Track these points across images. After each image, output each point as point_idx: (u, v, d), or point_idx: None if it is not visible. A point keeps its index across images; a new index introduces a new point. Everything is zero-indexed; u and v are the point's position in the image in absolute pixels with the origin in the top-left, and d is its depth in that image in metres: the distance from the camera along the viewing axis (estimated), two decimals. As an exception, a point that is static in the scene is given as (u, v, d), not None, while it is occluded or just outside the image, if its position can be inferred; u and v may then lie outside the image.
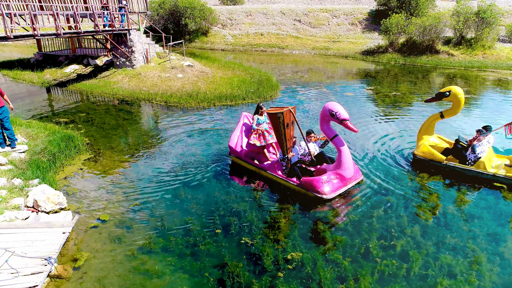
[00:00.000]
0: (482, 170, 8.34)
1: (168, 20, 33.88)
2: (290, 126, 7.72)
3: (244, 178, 8.76)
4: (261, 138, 9.01)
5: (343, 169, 7.74)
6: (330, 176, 7.72)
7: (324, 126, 7.91)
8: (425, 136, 9.42)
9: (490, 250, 6.13)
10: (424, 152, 9.11)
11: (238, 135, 9.35)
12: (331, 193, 7.61)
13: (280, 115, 7.45)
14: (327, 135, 7.94)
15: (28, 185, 7.72)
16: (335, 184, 7.72)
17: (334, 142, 7.80)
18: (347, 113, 7.61)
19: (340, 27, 31.33)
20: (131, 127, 12.32)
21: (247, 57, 27.72)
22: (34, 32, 13.27)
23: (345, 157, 7.72)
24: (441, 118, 9.26)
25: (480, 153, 8.47)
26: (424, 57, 24.26)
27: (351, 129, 7.47)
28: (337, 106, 7.61)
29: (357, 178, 8.20)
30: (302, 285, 5.45)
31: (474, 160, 8.53)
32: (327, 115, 7.71)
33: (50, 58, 21.33)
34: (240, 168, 9.21)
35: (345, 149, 7.74)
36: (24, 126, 10.63)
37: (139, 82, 17.24)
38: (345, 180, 7.82)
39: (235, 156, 9.34)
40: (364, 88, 17.61)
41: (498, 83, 18.56)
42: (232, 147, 9.21)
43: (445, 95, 8.85)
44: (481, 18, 23.82)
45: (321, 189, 7.57)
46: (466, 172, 8.58)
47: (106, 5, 16.99)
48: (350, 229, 6.79)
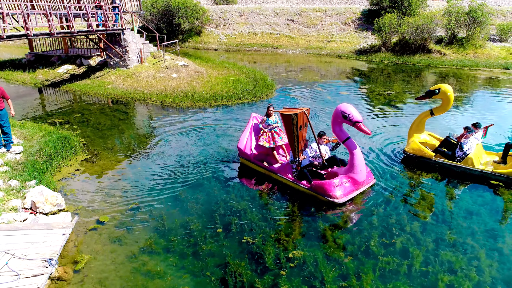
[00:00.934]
0: (470, 166, 8.51)
1: (161, 20, 33.71)
2: (303, 128, 7.45)
3: (244, 179, 8.76)
4: (270, 140, 8.80)
5: (356, 173, 7.51)
6: (342, 180, 7.50)
7: (336, 128, 7.68)
8: (416, 133, 9.59)
9: (489, 246, 6.21)
10: (413, 149, 9.27)
11: (247, 137, 9.10)
12: (343, 197, 7.37)
13: (294, 116, 7.18)
14: (339, 137, 7.72)
15: (25, 186, 7.63)
16: (347, 188, 7.49)
17: (347, 144, 7.57)
18: (360, 115, 7.37)
19: (333, 27, 31.47)
20: (127, 127, 12.24)
21: (241, 56, 27.70)
22: (27, 32, 13.11)
23: (358, 160, 7.49)
24: (431, 116, 9.43)
25: (468, 150, 8.63)
26: (416, 56, 24.49)
27: (365, 132, 7.24)
28: (349, 107, 7.37)
29: (370, 182, 7.97)
30: (304, 283, 5.47)
31: (462, 156, 8.70)
32: (339, 117, 7.47)
33: (42, 58, 21.08)
34: (246, 170, 9.06)
35: (358, 152, 7.50)
36: (19, 127, 10.50)
37: (134, 82, 17.14)
38: (358, 184, 7.60)
39: (244, 158, 9.10)
40: (358, 87, 17.72)
41: (490, 81, 18.81)
42: (241, 148, 8.95)
43: (435, 93, 9.03)
44: (472, 17, 24.12)
45: (332, 193, 7.34)
46: (455, 168, 8.74)
47: (99, 4, 16.84)
48: (350, 227, 6.83)
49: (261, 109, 13.96)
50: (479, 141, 8.79)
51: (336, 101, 15.02)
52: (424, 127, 9.73)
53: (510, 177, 8.01)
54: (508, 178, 8.04)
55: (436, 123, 11.92)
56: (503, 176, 8.10)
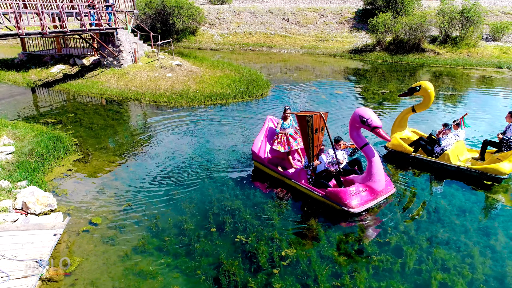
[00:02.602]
0: (446, 162, 8.67)
1: (156, 20, 33.56)
2: (319, 132, 7.21)
3: (244, 179, 8.71)
4: (285, 144, 8.51)
5: (374, 181, 7.10)
6: (359, 188, 7.09)
7: (354, 133, 7.29)
8: (398, 129, 9.82)
9: (482, 244, 6.23)
10: (394, 145, 9.46)
11: (261, 140, 8.85)
12: (358, 206, 6.97)
13: (309, 118, 7.00)
14: (357, 143, 7.31)
15: (16, 187, 7.54)
16: (364, 197, 7.08)
17: (364, 151, 7.20)
18: (379, 120, 6.98)
19: (327, 26, 31.51)
20: (120, 127, 12.16)
21: (236, 56, 27.65)
22: (19, 31, 12.97)
23: (376, 168, 7.09)
24: (413, 112, 9.64)
25: (446, 146, 8.79)
26: (411, 55, 24.58)
27: (384, 138, 6.87)
28: (368, 111, 6.97)
29: (389, 191, 7.49)
30: (298, 282, 5.45)
31: (440, 152, 8.87)
32: (357, 122, 7.07)
33: (35, 58, 20.89)
34: (258, 173, 8.77)
35: (376, 159, 7.12)
36: (11, 127, 10.39)
37: (128, 81, 17.03)
38: (375, 193, 7.18)
39: (258, 162, 8.82)
40: (353, 86, 17.75)
41: (483, 80, 18.91)
42: (255, 152, 8.70)
43: (416, 90, 9.25)
44: (465, 17, 24.24)
45: (348, 202, 6.96)
46: (432, 164, 8.90)
47: (92, 3, 16.71)
48: (343, 226, 6.82)
49: (256, 108, 13.94)
50: (460, 137, 8.96)
51: (331, 100, 15.04)
52: (407, 124, 9.98)
53: (483, 172, 8.18)
54: (482, 174, 8.21)
55: (431, 121, 11.93)
56: (477, 172, 8.27)
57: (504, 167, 7.91)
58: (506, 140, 8.51)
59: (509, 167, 7.93)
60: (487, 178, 8.17)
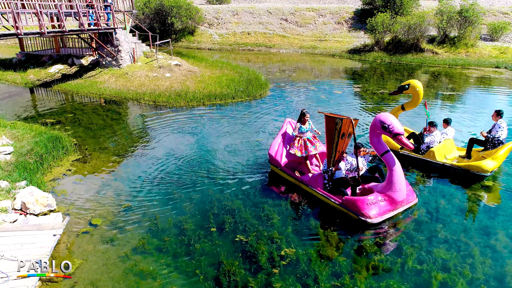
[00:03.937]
0: (431, 159, 8.78)
1: (154, 19, 33.51)
2: (345, 137, 7.00)
3: (245, 178, 8.71)
4: (302, 148, 8.23)
5: (394, 191, 6.75)
6: (378, 197, 6.77)
7: (374, 139, 6.95)
8: None
9: (482, 243, 6.24)
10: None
11: (279, 143, 8.61)
12: (377, 216, 6.64)
13: (338, 121, 6.81)
14: (377, 150, 6.96)
15: (15, 187, 7.52)
16: (383, 207, 6.75)
17: (385, 158, 6.85)
18: (402, 126, 6.67)
19: (326, 26, 31.53)
20: (119, 127, 12.14)
21: (234, 56, 27.64)
22: (17, 31, 12.93)
23: (397, 177, 6.73)
24: (402, 110, 9.78)
25: (430, 143, 8.94)
26: (409, 55, 24.61)
27: (407, 146, 6.51)
28: (390, 117, 6.61)
29: (410, 201, 7.13)
30: (298, 281, 5.45)
31: (425, 149, 9.02)
32: (378, 128, 6.73)
33: (33, 58, 20.84)
34: (275, 176, 8.63)
35: (398, 167, 6.74)
36: (9, 127, 10.36)
37: (126, 81, 17.00)
38: (396, 203, 6.82)
39: (274, 165, 8.60)
40: (352, 86, 17.76)
41: (481, 80, 18.95)
42: (272, 155, 8.46)
43: (405, 88, 9.36)
44: (463, 17, 24.30)
45: (365, 211, 6.64)
46: (418, 160, 9.04)
47: (91, 3, 16.67)
48: (343, 226, 6.82)
49: (255, 108, 13.93)
50: (448, 136, 9.05)
51: (330, 100, 15.05)
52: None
53: (467, 170, 8.26)
54: (465, 171, 8.30)
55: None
56: (460, 169, 8.36)
57: (487, 165, 7.99)
58: (491, 139, 8.63)
59: (492, 164, 8.01)
60: (471, 175, 8.25)
